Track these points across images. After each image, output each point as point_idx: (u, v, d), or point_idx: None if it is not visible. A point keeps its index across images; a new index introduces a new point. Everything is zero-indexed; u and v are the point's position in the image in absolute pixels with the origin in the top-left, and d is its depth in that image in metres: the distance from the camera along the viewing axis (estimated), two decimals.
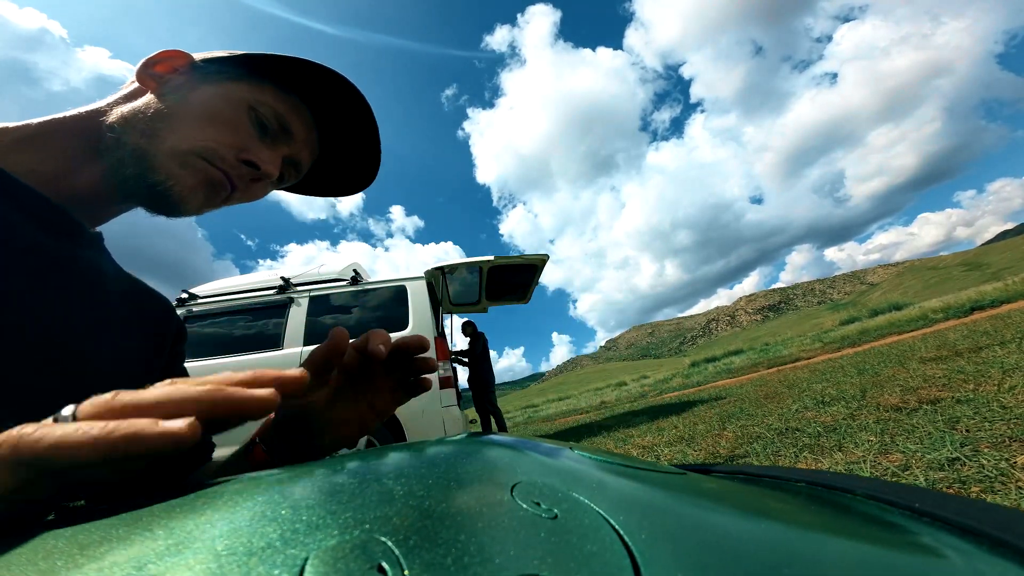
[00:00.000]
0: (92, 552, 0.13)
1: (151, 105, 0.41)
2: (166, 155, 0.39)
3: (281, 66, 0.45)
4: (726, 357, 14.35)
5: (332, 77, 0.46)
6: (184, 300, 3.18)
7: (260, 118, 0.44)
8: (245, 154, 0.43)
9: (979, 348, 3.02)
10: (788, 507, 0.17)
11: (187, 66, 0.44)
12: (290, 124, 0.47)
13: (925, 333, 5.85)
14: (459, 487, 0.16)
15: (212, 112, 0.42)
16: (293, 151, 0.48)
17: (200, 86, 0.43)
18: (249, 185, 0.46)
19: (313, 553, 0.11)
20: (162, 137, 0.40)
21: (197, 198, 0.42)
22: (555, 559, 0.11)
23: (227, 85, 0.44)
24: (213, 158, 0.41)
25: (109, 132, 0.39)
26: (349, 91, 0.47)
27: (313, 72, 0.45)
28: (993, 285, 10.21)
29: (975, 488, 1.07)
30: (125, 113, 0.40)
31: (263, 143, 0.45)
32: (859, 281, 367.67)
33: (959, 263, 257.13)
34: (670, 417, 3.78)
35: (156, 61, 0.43)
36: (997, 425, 1.44)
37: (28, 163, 0.37)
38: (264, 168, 0.44)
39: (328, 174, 0.56)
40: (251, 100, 0.43)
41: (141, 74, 0.42)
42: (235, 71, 0.44)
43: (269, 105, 0.44)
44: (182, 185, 0.40)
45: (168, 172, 0.40)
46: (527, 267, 4.16)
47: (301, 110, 0.48)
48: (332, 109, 0.49)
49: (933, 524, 0.14)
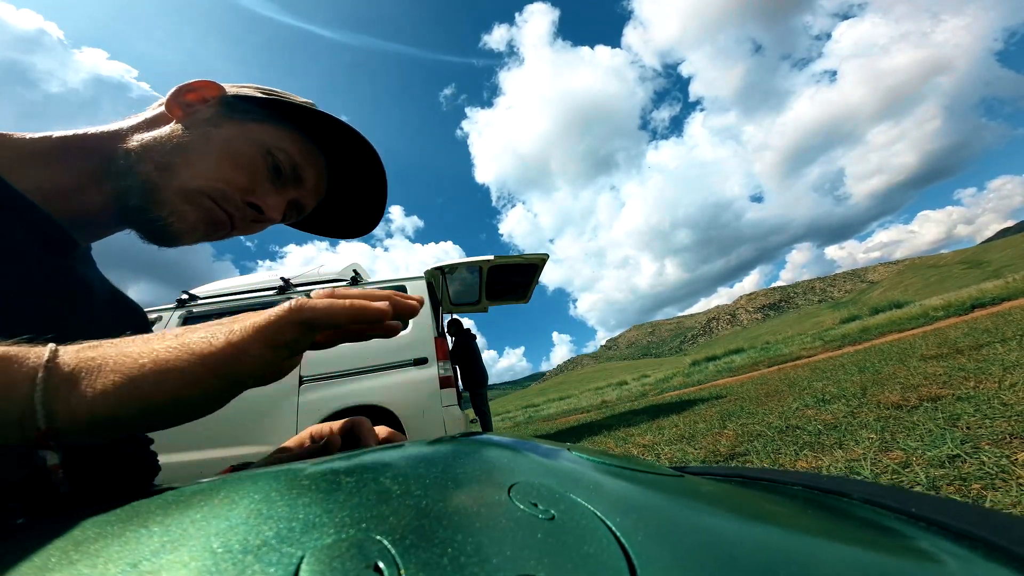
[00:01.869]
0: (87, 548, 0.13)
1: (173, 136, 0.41)
2: (174, 191, 0.40)
3: (305, 116, 0.46)
4: (727, 356, 14.34)
5: (351, 134, 0.47)
6: (184, 301, 3.19)
7: (277, 163, 0.45)
8: (251, 197, 0.44)
9: (980, 346, 3.02)
10: (784, 510, 0.17)
11: (217, 99, 0.44)
12: (303, 172, 0.47)
13: (926, 331, 5.84)
14: (456, 487, 0.16)
15: (231, 152, 0.42)
16: (300, 196, 0.49)
17: (224, 124, 0.43)
18: (249, 224, 0.46)
19: (309, 551, 0.11)
20: (175, 172, 0.40)
21: (195, 234, 0.43)
22: (552, 560, 0.11)
23: (250, 125, 0.44)
24: (221, 199, 0.42)
25: (123, 159, 0.40)
26: (364, 147, 0.49)
27: (333, 126, 0.46)
28: (994, 283, 10.20)
29: (976, 485, 1.06)
30: (145, 141, 0.41)
31: (273, 188, 0.46)
32: (860, 279, 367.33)
33: (960, 261, 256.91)
34: (671, 416, 3.78)
35: (188, 90, 0.44)
36: (998, 422, 1.44)
37: (37, 179, 0.37)
38: (268, 214, 0.45)
39: (331, 217, 0.57)
40: (270, 144, 0.44)
41: (171, 102, 0.43)
42: (260, 112, 0.45)
43: (287, 152, 0.45)
44: (183, 221, 0.41)
45: (172, 208, 0.40)
46: (527, 267, 4.17)
47: (316, 159, 0.49)
48: (345, 161, 0.51)
49: (929, 529, 0.14)
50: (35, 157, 0.38)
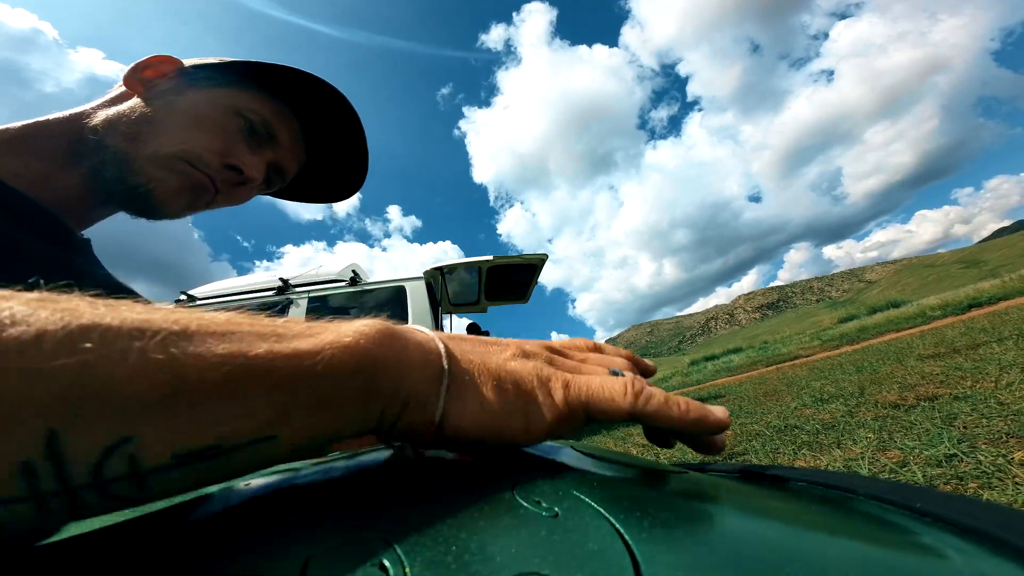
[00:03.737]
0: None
1: (136, 108, 0.41)
2: (147, 159, 0.39)
3: (270, 73, 0.45)
4: (725, 355, 14.36)
5: (320, 85, 0.46)
6: (183, 302, 3.18)
7: (248, 123, 0.44)
8: (229, 159, 0.43)
9: (977, 345, 3.03)
10: (788, 506, 0.18)
11: (176, 72, 0.44)
12: (276, 130, 0.47)
13: (923, 330, 5.86)
14: (460, 485, 0.16)
15: (198, 116, 0.42)
16: (279, 156, 0.49)
17: (187, 91, 0.43)
18: (232, 189, 0.46)
19: (315, 550, 0.11)
20: (144, 140, 0.40)
21: (180, 201, 0.42)
22: (556, 557, 0.11)
23: (215, 91, 0.44)
24: (196, 162, 0.41)
25: (91, 135, 0.39)
26: (336, 99, 0.48)
27: (301, 80, 0.45)
28: (991, 282, 10.24)
29: (973, 484, 1.07)
30: (109, 116, 0.40)
31: (248, 148, 0.45)
32: (857, 279, 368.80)
33: (957, 260, 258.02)
34: None
35: (145, 66, 0.43)
36: (994, 422, 1.44)
37: (12, 167, 0.37)
38: (248, 173, 0.45)
39: (315, 180, 0.56)
40: (238, 106, 0.44)
41: (129, 78, 0.42)
42: (224, 77, 0.44)
43: (256, 111, 0.45)
44: (164, 188, 0.40)
45: (149, 175, 0.40)
46: (526, 267, 4.16)
47: (288, 117, 0.48)
48: (319, 116, 0.50)
49: (934, 524, 0.14)
50: (4, 145, 0.37)
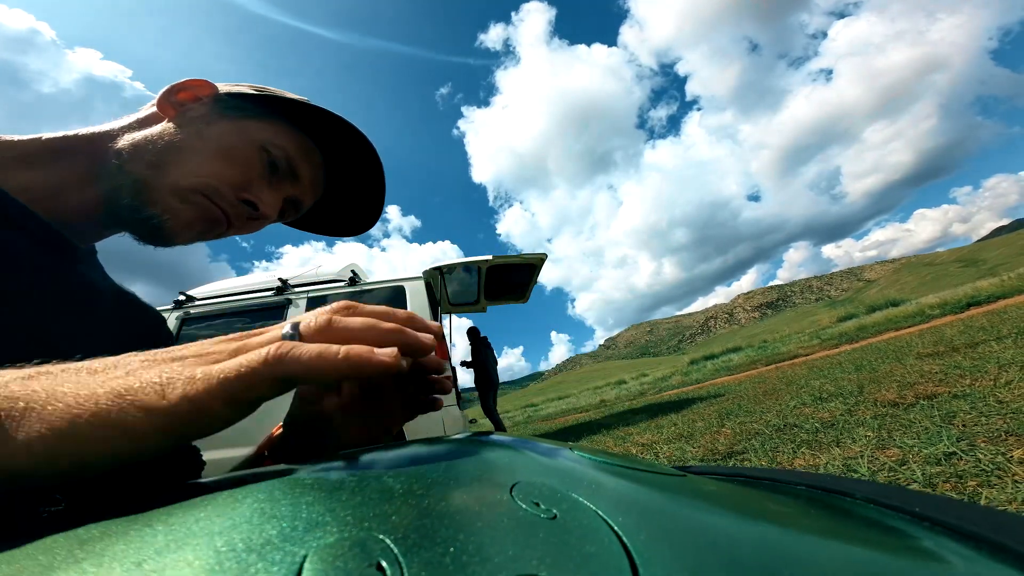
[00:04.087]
0: (91, 548, 0.13)
1: (165, 135, 0.41)
2: (167, 190, 0.39)
3: (301, 111, 0.45)
4: (725, 355, 14.38)
5: (347, 128, 0.46)
6: (182, 302, 3.17)
7: (271, 159, 0.44)
8: (246, 193, 0.43)
9: (975, 344, 3.04)
10: (787, 510, 0.18)
11: (210, 97, 0.44)
12: (298, 168, 0.47)
13: (922, 329, 5.87)
14: (458, 486, 0.16)
15: (224, 148, 0.42)
16: (296, 192, 0.49)
17: (218, 120, 0.43)
18: (246, 222, 0.46)
19: (312, 551, 0.11)
20: (168, 170, 0.39)
21: (191, 232, 0.42)
22: (554, 559, 0.11)
23: (245, 122, 0.44)
24: (214, 196, 0.41)
25: (114, 159, 0.39)
26: (361, 143, 0.48)
27: (329, 121, 0.46)
28: (989, 281, 10.26)
29: (972, 482, 1.07)
30: (136, 140, 0.40)
31: (267, 184, 0.45)
32: (856, 278, 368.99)
33: (955, 259, 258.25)
34: (669, 415, 3.79)
35: (180, 89, 0.43)
36: (993, 420, 1.45)
37: (24, 181, 0.37)
38: (263, 210, 0.45)
39: (329, 215, 0.57)
40: (265, 140, 0.44)
41: (163, 101, 0.42)
42: (255, 109, 0.44)
43: (282, 147, 0.45)
44: (178, 220, 0.40)
45: (165, 206, 0.39)
46: (525, 266, 4.16)
47: (312, 154, 0.48)
48: (343, 157, 0.50)
49: (933, 528, 0.14)
50: (23, 159, 0.37)
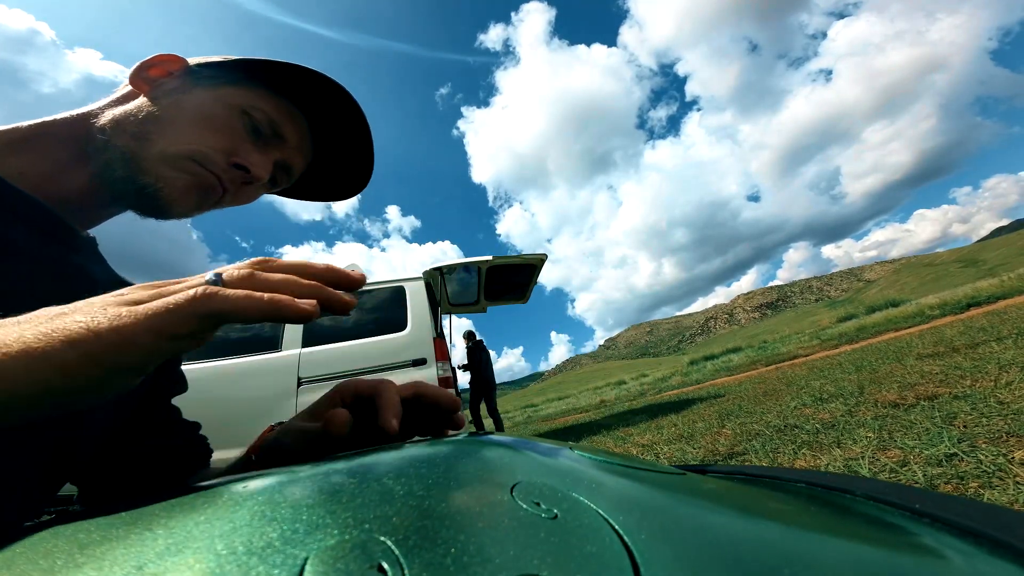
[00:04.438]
0: (92, 551, 0.13)
1: (143, 108, 0.41)
2: (155, 158, 0.39)
3: (276, 71, 0.45)
4: (725, 355, 14.38)
5: (327, 83, 0.46)
6: None
7: (253, 122, 0.44)
8: (236, 158, 0.43)
9: (976, 344, 3.03)
10: (787, 508, 0.18)
11: (181, 70, 0.44)
12: (283, 129, 0.47)
13: (922, 330, 5.87)
14: (459, 487, 0.16)
15: (204, 115, 0.42)
16: (285, 155, 0.48)
17: (193, 90, 0.43)
18: (240, 188, 0.46)
19: (313, 553, 0.11)
20: (152, 140, 0.40)
21: (188, 201, 0.42)
22: (555, 559, 0.11)
23: (221, 89, 0.44)
24: (204, 161, 0.41)
25: (99, 135, 0.39)
26: (343, 97, 0.48)
27: (308, 78, 0.45)
28: (989, 281, 10.26)
29: (973, 483, 1.07)
30: (116, 116, 0.40)
31: (255, 147, 0.45)
32: (856, 278, 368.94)
33: (955, 260, 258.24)
34: (669, 415, 3.79)
35: (151, 65, 0.43)
36: (994, 420, 1.44)
37: (17, 166, 0.37)
38: (254, 172, 0.44)
39: (321, 179, 0.56)
40: (245, 104, 0.43)
41: (135, 77, 0.42)
42: (230, 75, 0.44)
43: (263, 109, 0.44)
44: (172, 187, 0.40)
45: (157, 175, 0.40)
46: (525, 267, 4.16)
47: (295, 115, 0.48)
48: (326, 115, 0.49)
49: (933, 525, 0.14)
50: (9, 146, 0.37)
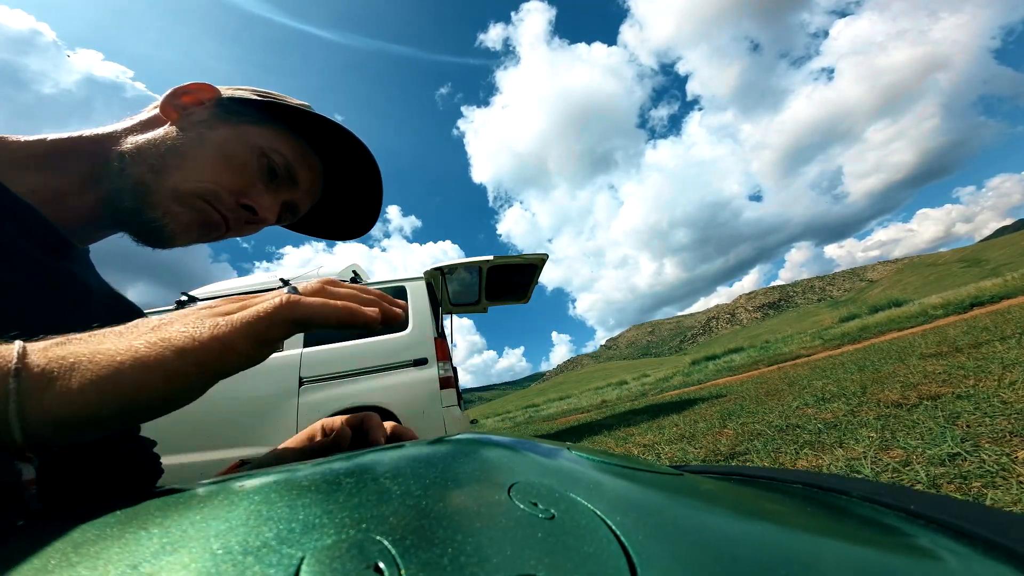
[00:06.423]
0: (86, 551, 0.13)
1: (167, 138, 0.41)
2: (166, 193, 0.40)
3: (300, 118, 0.46)
4: (726, 355, 14.36)
5: (346, 136, 0.47)
6: (184, 303, 3.18)
7: (271, 164, 0.45)
8: (245, 199, 0.44)
9: (979, 344, 3.02)
10: (784, 508, 0.17)
11: (212, 100, 0.44)
12: (297, 173, 0.48)
13: (925, 329, 5.85)
14: (456, 487, 0.16)
15: (225, 154, 0.42)
16: (295, 197, 0.50)
17: (219, 125, 0.43)
18: (244, 226, 0.47)
19: (309, 552, 0.11)
20: (168, 174, 0.40)
21: (190, 235, 0.43)
22: (552, 559, 0.11)
23: (245, 128, 0.44)
24: (214, 200, 0.42)
25: (116, 161, 0.40)
26: (359, 150, 0.49)
27: (328, 128, 0.46)
28: (992, 281, 10.22)
29: (976, 483, 1.07)
30: (139, 143, 0.41)
31: (267, 189, 0.46)
32: (859, 278, 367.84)
33: (958, 259, 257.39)
34: (671, 415, 3.78)
35: (184, 92, 0.44)
36: (997, 420, 1.44)
37: (31, 183, 0.37)
38: (262, 214, 0.45)
39: (326, 218, 0.58)
40: (265, 146, 0.44)
41: (166, 105, 0.43)
42: (256, 115, 0.45)
43: (281, 153, 0.45)
44: (177, 223, 0.41)
45: (166, 210, 0.40)
46: (526, 267, 4.16)
47: (311, 161, 0.49)
48: (341, 164, 0.51)
49: (928, 526, 0.14)
50: (29, 160, 0.38)
